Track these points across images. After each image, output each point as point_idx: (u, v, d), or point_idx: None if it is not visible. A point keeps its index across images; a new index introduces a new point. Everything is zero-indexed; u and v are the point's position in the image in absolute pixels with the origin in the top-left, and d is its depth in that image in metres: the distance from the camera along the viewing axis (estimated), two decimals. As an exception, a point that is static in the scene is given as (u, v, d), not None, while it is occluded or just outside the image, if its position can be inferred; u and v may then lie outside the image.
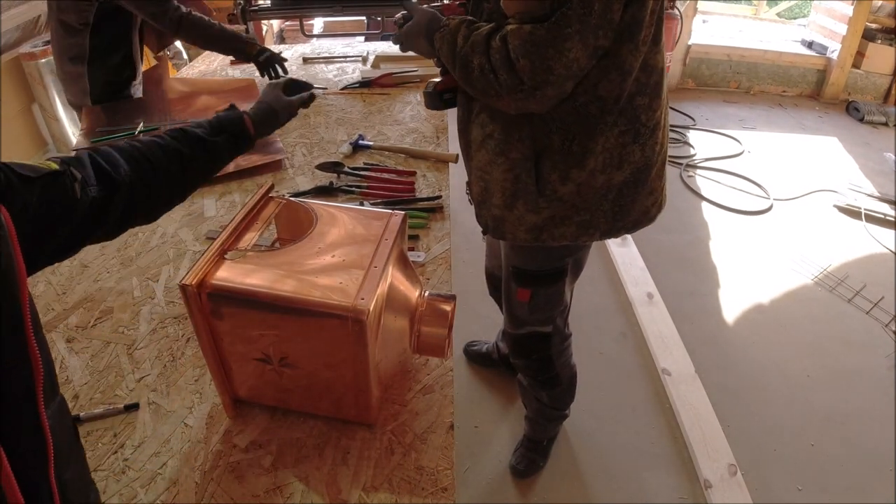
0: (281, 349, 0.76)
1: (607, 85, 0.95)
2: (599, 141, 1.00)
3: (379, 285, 0.73)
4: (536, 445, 1.71)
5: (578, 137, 1.00)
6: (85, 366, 0.94)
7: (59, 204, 0.61)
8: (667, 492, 1.67)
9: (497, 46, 0.89)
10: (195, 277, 0.71)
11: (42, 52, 2.81)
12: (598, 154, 1.01)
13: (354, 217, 0.88)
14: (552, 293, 1.25)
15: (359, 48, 2.59)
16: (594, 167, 1.02)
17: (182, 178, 0.78)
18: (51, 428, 0.47)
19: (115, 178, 0.69)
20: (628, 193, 1.07)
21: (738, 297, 2.44)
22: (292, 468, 0.79)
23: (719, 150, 3.68)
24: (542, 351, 1.37)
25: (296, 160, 1.59)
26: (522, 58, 0.86)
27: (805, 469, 1.75)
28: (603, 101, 0.97)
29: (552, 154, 1.02)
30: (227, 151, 0.86)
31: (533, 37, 0.85)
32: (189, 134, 0.81)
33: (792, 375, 2.08)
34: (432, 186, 1.45)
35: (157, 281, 1.14)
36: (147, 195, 0.73)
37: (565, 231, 1.09)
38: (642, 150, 1.04)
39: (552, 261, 1.20)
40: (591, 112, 0.97)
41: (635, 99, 0.99)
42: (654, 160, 1.08)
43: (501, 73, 0.89)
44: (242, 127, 0.88)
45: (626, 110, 0.99)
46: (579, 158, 1.01)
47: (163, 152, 0.76)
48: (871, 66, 4.38)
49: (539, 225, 1.09)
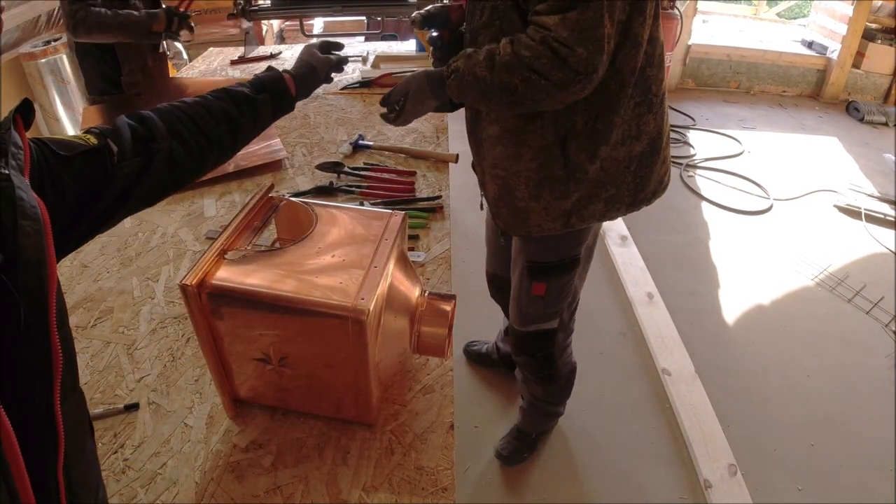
0: (281, 349, 0.76)
1: (623, 58, 0.98)
2: (620, 114, 1.03)
3: (379, 285, 0.73)
4: (525, 437, 1.72)
5: (601, 115, 1.03)
6: (85, 366, 0.94)
7: (96, 180, 0.61)
8: (667, 492, 1.67)
9: (536, 51, 0.88)
10: (195, 277, 0.71)
11: (42, 52, 2.81)
12: (619, 127, 1.05)
13: (354, 217, 0.88)
14: (565, 284, 1.27)
15: (359, 48, 2.59)
16: (616, 140, 1.06)
17: (228, 137, 0.78)
18: (65, 423, 0.47)
19: (152, 146, 0.68)
20: (647, 163, 1.12)
21: (738, 297, 2.44)
22: (292, 468, 0.79)
23: (719, 150, 3.68)
24: (545, 348, 1.39)
25: (296, 160, 1.59)
26: (578, 45, 0.86)
27: (805, 469, 1.75)
28: (621, 76, 0.99)
29: (577, 136, 1.04)
30: (270, 110, 0.85)
31: (581, 22, 0.85)
32: (232, 93, 0.80)
33: (792, 375, 2.08)
34: (432, 186, 1.45)
35: (157, 281, 1.14)
36: (193, 156, 0.72)
37: (594, 210, 1.12)
38: (655, 119, 1.08)
39: (568, 249, 1.22)
40: (612, 87, 1.00)
41: (646, 70, 1.02)
42: (664, 129, 1.12)
43: (553, 74, 0.88)
44: (283, 86, 0.87)
45: (640, 82, 1.03)
46: (604, 134, 1.04)
47: (208, 112, 0.75)
48: (871, 66, 4.38)
49: (568, 210, 1.11)
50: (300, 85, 0.90)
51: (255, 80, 0.85)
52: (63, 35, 2.98)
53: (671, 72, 4.40)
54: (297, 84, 0.89)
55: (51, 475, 0.47)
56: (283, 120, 1.92)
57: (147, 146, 0.68)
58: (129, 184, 0.65)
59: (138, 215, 1.34)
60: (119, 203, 0.65)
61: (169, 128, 0.71)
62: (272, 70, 0.89)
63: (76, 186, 0.58)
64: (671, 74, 4.45)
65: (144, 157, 0.67)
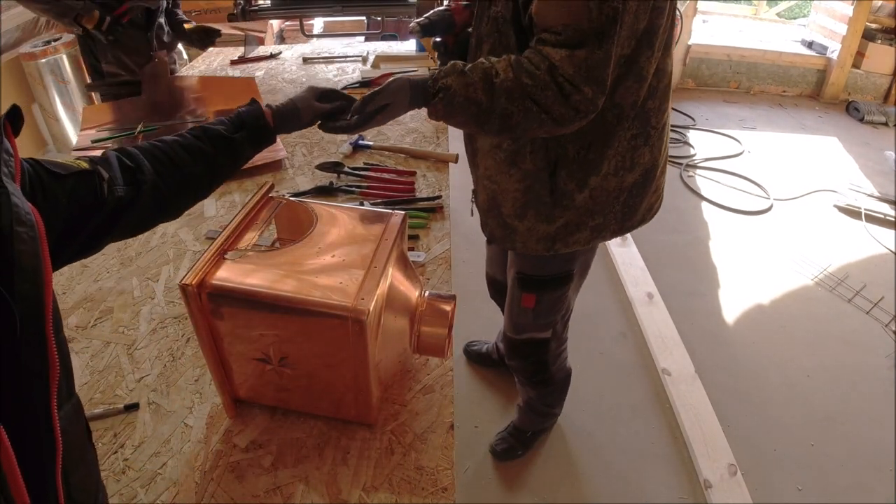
0: (281, 349, 0.76)
1: (624, 92, 0.95)
2: (614, 146, 1.00)
3: (379, 285, 0.73)
4: (520, 434, 1.73)
5: (594, 145, 0.99)
6: (85, 366, 0.94)
7: (87, 203, 0.63)
8: (667, 492, 1.67)
9: (541, 81, 0.83)
10: (195, 277, 0.71)
11: (42, 52, 2.81)
12: (611, 158, 1.01)
13: (354, 217, 0.87)
14: (557, 298, 1.25)
15: (359, 48, 2.59)
16: (608, 171, 1.02)
17: (206, 175, 0.79)
18: (62, 429, 0.47)
19: (139, 178, 0.70)
20: (637, 193, 1.08)
21: (738, 297, 2.44)
22: (292, 468, 0.79)
23: (719, 150, 3.68)
24: (538, 356, 1.38)
25: (296, 160, 1.59)
26: (585, 85, 0.82)
27: (805, 469, 1.75)
28: (620, 108, 0.97)
29: (568, 163, 1.01)
30: (249, 146, 0.84)
31: (590, 62, 0.81)
32: (210, 132, 0.80)
33: (792, 375, 2.08)
34: (432, 186, 1.45)
35: (157, 281, 1.14)
36: (172, 193, 0.74)
37: (579, 237, 1.09)
38: (651, 151, 1.05)
39: (561, 265, 1.19)
40: (609, 119, 0.97)
41: (647, 103, 0.99)
42: (660, 159, 1.09)
43: (554, 109, 0.84)
44: (263, 122, 0.86)
45: (640, 115, 1.00)
46: (595, 165, 1.01)
47: (186, 151, 0.76)
48: (871, 66, 4.38)
49: (552, 235, 1.08)
50: (279, 123, 0.88)
51: (235, 116, 0.84)
52: (63, 35, 2.98)
53: (671, 72, 4.39)
54: (276, 121, 0.87)
55: (49, 481, 0.47)
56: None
57: (134, 177, 0.70)
58: (118, 212, 0.67)
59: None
60: (107, 230, 0.67)
61: (152, 164, 0.72)
62: (254, 104, 0.87)
63: (69, 205, 0.60)
64: (671, 74, 4.44)
65: (133, 188, 0.69)
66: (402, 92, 0.88)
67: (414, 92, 0.89)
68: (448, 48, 1.13)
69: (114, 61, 1.96)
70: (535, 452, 1.75)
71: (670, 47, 0.99)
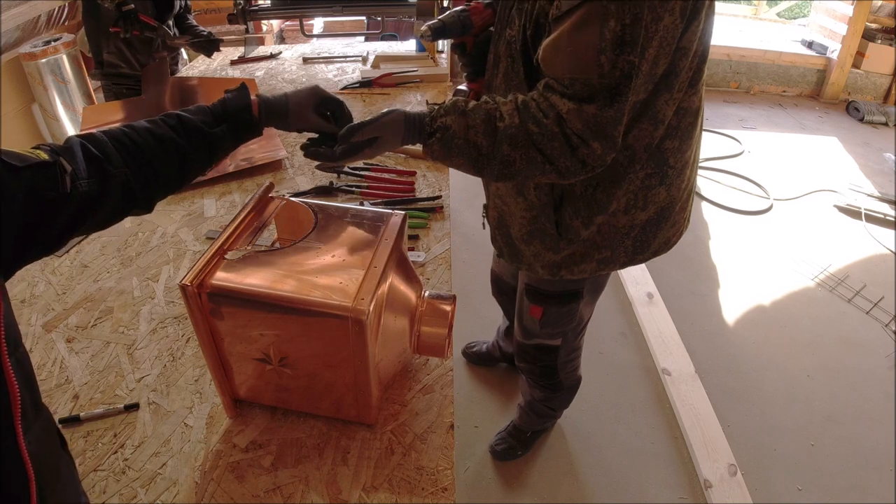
0: (281, 349, 0.76)
1: (638, 134, 0.89)
2: (623, 187, 0.95)
3: (379, 285, 0.73)
4: (520, 434, 1.72)
5: (602, 185, 0.94)
6: (85, 366, 0.94)
7: (49, 197, 0.57)
8: (667, 492, 1.67)
9: (551, 132, 0.77)
10: (195, 277, 0.71)
11: (42, 52, 2.81)
12: (621, 198, 0.96)
13: (354, 217, 0.87)
14: (564, 312, 1.22)
15: (359, 48, 2.59)
16: (617, 209, 0.97)
17: (179, 169, 0.73)
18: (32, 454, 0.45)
19: (107, 168, 0.64)
20: (651, 230, 1.03)
21: (738, 297, 2.44)
22: (292, 468, 0.79)
23: (719, 150, 3.68)
24: (546, 361, 1.37)
25: (296, 160, 1.59)
26: (594, 140, 0.77)
27: (805, 469, 1.75)
28: (633, 151, 0.91)
29: (574, 200, 0.97)
30: (230, 141, 0.78)
31: (599, 119, 0.75)
32: (186, 124, 0.74)
33: (792, 375, 2.07)
34: (432, 186, 1.45)
35: (157, 281, 1.14)
36: (142, 187, 0.68)
37: (585, 267, 1.06)
38: (668, 190, 0.99)
39: (569, 284, 1.16)
40: (620, 161, 0.92)
41: (664, 143, 0.93)
42: (679, 197, 1.02)
43: (560, 161, 0.79)
44: (248, 115, 0.78)
45: (655, 155, 0.93)
46: (603, 204, 0.96)
47: (159, 144, 0.70)
48: (871, 66, 4.38)
49: (558, 262, 1.06)
50: (266, 116, 0.80)
51: (219, 104, 0.77)
52: (63, 35, 2.98)
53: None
54: (262, 114, 0.80)
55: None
56: (283, 120, 1.91)
57: (101, 168, 0.64)
58: (86, 206, 0.61)
59: (138, 215, 1.35)
60: (75, 225, 0.62)
61: (122, 155, 0.67)
62: (242, 92, 0.79)
63: (28, 200, 0.54)
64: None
65: (99, 180, 0.63)
66: (396, 126, 0.82)
67: (409, 128, 0.83)
68: (467, 49, 1.06)
69: (115, 52, 1.98)
70: (535, 452, 1.75)
71: (698, 84, 0.90)
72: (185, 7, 2.13)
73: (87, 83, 3.07)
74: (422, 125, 0.83)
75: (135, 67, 2.01)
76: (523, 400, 1.65)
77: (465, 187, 1.63)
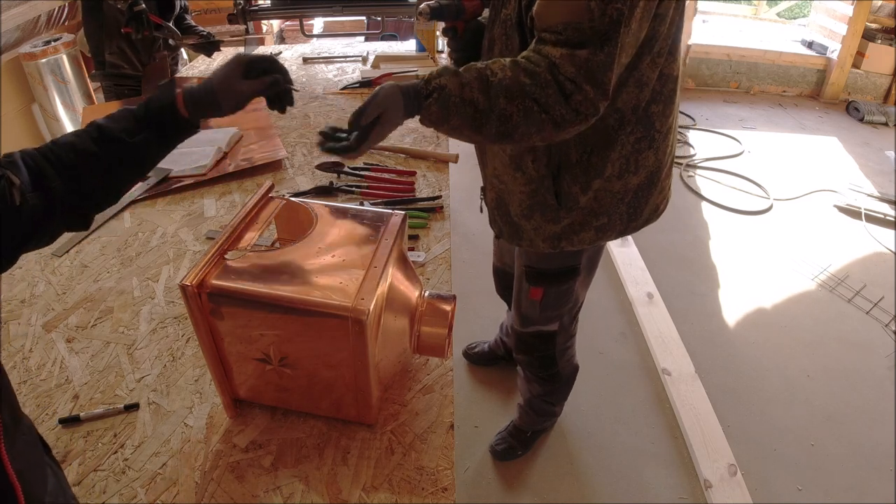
0: (281, 349, 0.76)
1: (625, 97, 0.96)
2: (616, 150, 1.01)
3: (379, 285, 0.73)
4: (520, 434, 1.73)
5: (597, 149, 1.00)
6: (85, 366, 0.94)
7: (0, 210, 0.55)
8: (667, 492, 1.67)
9: (542, 79, 0.81)
10: (195, 277, 0.71)
11: (42, 52, 2.81)
12: (615, 162, 1.02)
13: (354, 217, 0.87)
14: (563, 291, 1.26)
15: (359, 48, 2.59)
16: (612, 173, 1.03)
17: (108, 184, 0.68)
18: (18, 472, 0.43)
19: (46, 184, 0.62)
20: (643, 195, 1.09)
21: (738, 297, 2.44)
22: (292, 468, 0.79)
23: (719, 150, 3.68)
24: (545, 350, 1.39)
25: (296, 160, 1.59)
26: (586, 84, 0.80)
27: (805, 469, 1.75)
28: (621, 113, 0.97)
29: (571, 168, 1.02)
30: (156, 148, 0.72)
31: (591, 63, 0.80)
32: (107, 136, 0.68)
33: (792, 375, 2.07)
34: (432, 186, 1.45)
35: (157, 281, 1.14)
36: (76, 201, 0.65)
37: (584, 236, 1.11)
38: (656, 154, 1.05)
39: (567, 260, 1.21)
40: (610, 124, 0.98)
41: (651, 107, 0.99)
42: (665, 161, 1.10)
43: (554, 109, 0.82)
44: (172, 115, 0.71)
45: (643, 119, 1.00)
46: (598, 168, 1.02)
47: (82, 158, 0.65)
48: (871, 66, 4.38)
49: (558, 234, 1.10)
50: (194, 111, 0.73)
51: (142, 107, 0.71)
52: (63, 35, 2.99)
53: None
54: (189, 110, 0.72)
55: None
56: (283, 120, 1.92)
57: (41, 182, 0.61)
58: (34, 220, 0.60)
59: (138, 215, 1.35)
60: (25, 240, 0.60)
61: (56, 170, 0.63)
62: (166, 89, 0.73)
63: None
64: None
65: (43, 193, 0.61)
66: (394, 98, 0.82)
67: (406, 97, 0.82)
68: (458, 33, 1.12)
69: (118, 52, 1.97)
70: (535, 452, 1.75)
71: (676, 52, 0.98)
72: (183, 7, 2.14)
73: (87, 83, 3.08)
74: (417, 91, 0.83)
75: (137, 68, 2.01)
76: (522, 399, 1.65)
77: (466, 187, 1.63)
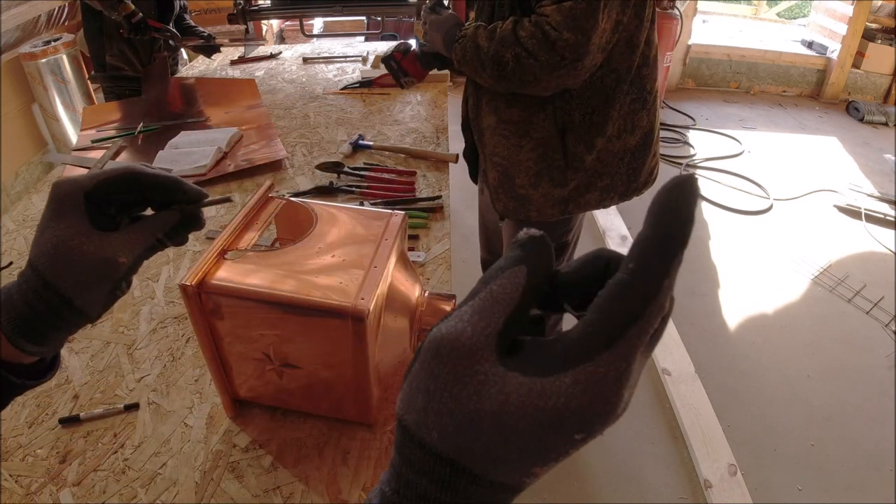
0: (281, 349, 0.76)
1: (619, 58, 1.07)
2: (615, 108, 1.12)
3: (379, 285, 0.73)
4: None
5: (597, 109, 1.12)
6: (85, 366, 0.94)
7: None
8: (667, 492, 1.66)
9: (530, 31, 0.96)
10: (195, 277, 0.71)
11: (42, 52, 2.81)
12: (614, 121, 1.14)
13: (354, 217, 0.87)
14: None
15: (359, 48, 2.59)
16: (612, 133, 1.15)
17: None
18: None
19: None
20: (639, 156, 1.21)
21: (738, 297, 2.44)
22: (292, 468, 0.79)
23: (719, 150, 3.68)
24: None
25: (296, 160, 1.59)
26: (567, 31, 0.94)
27: (805, 469, 1.75)
28: (617, 73, 1.09)
29: (575, 128, 1.13)
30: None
31: (574, 11, 0.93)
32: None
33: (792, 375, 2.07)
34: (432, 186, 1.45)
35: (157, 281, 1.14)
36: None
37: (590, 198, 1.21)
38: (648, 115, 1.17)
39: (559, 236, 1.31)
40: (608, 84, 1.10)
41: (642, 70, 1.12)
42: (655, 125, 1.22)
43: (541, 55, 0.96)
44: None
45: (636, 80, 1.12)
46: (601, 127, 1.13)
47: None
48: (871, 66, 4.38)
49: (565, 197, 1.20)
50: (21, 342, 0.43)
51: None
52: (63, 35, 2.99)
53: (671, 71, 4.40)
54: (14, 341, 0.43)
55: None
56: (283, 120, 1.92)
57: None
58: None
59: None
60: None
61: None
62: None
63: None
64: (671, 74, 4.45)
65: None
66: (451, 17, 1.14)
67: (448, 32, 1.13)
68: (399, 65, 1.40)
69: (118, 54, 1.98)
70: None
71: (654, 21, 1.12)
72: (182, 7, 2.14)
73: (87, 83, 3.08)
74: (454, 35, 1.11)
75: (137, 69, 2.01)
76: None
77: (466, 187, 1.62)
